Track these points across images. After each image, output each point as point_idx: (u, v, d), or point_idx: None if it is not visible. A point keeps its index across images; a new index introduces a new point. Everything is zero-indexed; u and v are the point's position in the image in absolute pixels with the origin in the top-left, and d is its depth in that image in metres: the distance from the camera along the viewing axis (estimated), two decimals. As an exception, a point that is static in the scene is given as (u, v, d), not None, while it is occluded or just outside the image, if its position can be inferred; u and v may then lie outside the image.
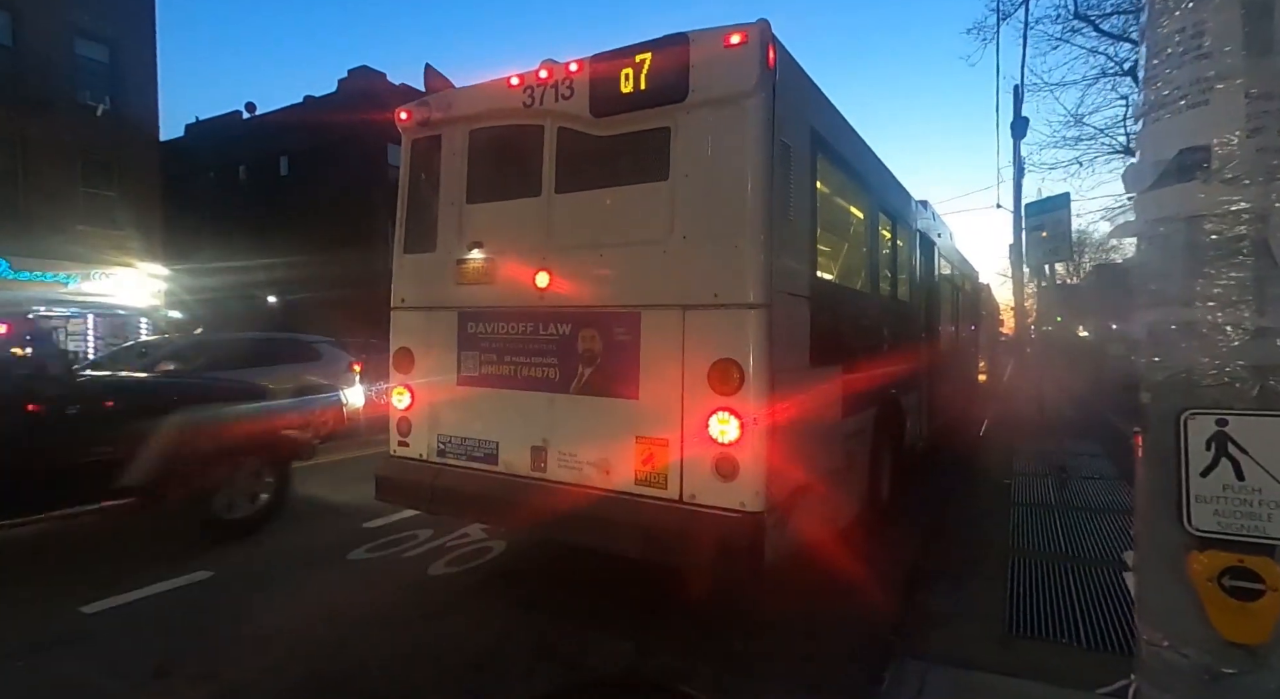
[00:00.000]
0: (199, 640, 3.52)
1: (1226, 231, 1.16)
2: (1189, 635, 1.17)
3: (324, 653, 3.37)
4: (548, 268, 3.74)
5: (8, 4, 15.24)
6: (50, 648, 3.43)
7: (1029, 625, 3.51)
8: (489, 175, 4.09)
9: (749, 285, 3.17)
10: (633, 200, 3.56)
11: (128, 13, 17.53)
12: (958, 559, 4.61)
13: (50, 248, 15.58)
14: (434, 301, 4.21)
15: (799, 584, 4.00)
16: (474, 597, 4.11)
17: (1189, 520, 1.13)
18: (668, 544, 3.27)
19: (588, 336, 3.60)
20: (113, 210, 17.12)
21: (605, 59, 3.53)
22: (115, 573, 4.45)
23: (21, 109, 15.15)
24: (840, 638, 3.55)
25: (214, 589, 4.25)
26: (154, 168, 18.20)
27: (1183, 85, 1.20)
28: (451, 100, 4.16)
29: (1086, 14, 13.33)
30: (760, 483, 3.14)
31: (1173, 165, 1.21)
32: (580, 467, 3.61)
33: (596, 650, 3.39)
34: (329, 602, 4.03)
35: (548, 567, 4.62)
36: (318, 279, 22.32)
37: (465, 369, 4.06)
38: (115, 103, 17.18)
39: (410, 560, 4.73)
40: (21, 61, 15.45)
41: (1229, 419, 1.11)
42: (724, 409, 3.18)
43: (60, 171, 16.03)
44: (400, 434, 4.31)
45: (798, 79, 3.63)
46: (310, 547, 5.08)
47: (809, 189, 3.76)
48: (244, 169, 28.29)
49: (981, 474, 7.59)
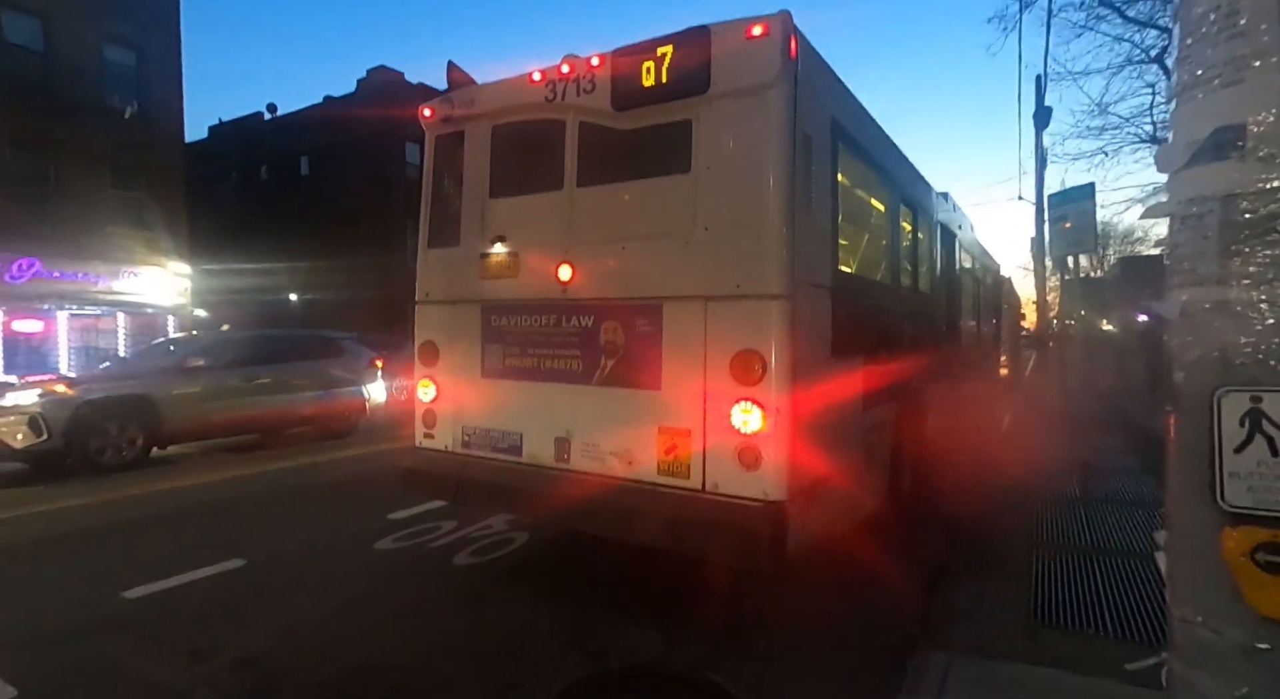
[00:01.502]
0: (235, 627, 3.62)
1: (1261, 209, 1.16)
2: (1223, 612, 1.18)
3: (355, 642, 3.44)
4: (570, 261, 3.77)
5: (38, 11, 15.61)
6: (92, 632, 3.55)
7: (1054, 617, 3.49)
8: (511, 170, 4.14)
9: (771, 276, 3.18)
10: (654, 193, 3.58)
11: (154, 17, 17.86)
12: (981, 553, 4.58)
13: (81, 248, 15.95)
14: (458, 296, 4.27)
15: (823, 576, 4.01)
16: (499, 587, 4.17)
17: (1223, 497, 1.14)
18: (691, 534, 3.29)
19: (610, 328, 3.64)
20: (140, 211, 17.49)
21: (627, 53, 3.56)
22: (155, 560, 4.59)
23: (53, 113, 15.52)
24: (865, 630, 3.55)
25: (248, 577, 4.36)
26: (179, 169, 18.55)
27: (1217, 64, 1.20)
28: (474, 96, 4.21)
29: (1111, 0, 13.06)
30: (783, 473, 3.15)
31: (1207, 145, 1.21)
32: (603, 457, 3.65)
33: (623, 640, 3.43)
34: (358, 591, 4.12)
35: (571, 557, 4.67)
36: (338, 277, 22.66)
37: (489, 361, 4.11)
38: (142, 106, 17.54)
39: (435, 551, 4.81)
40: (52, 67, 15.83)
41: (1263, 396, 1.11)
42: (746, 399, 3.20)
43: (89, 174, 16.40)
44: (425, 426, 4.39)
45: (819, 70, 3.63)
46: (338, 537, 5.19)
47: (830, 180, 3.75)
48: (266, 169, 28.74)
49: (1004, 469, 7.52)
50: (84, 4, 16.16)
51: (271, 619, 3.71)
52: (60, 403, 7.69)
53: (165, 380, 8.62)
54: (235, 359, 9.52)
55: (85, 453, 7.68)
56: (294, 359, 10.30)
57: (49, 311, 15.99)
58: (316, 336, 11.67)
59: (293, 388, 9.94)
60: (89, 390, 8.08)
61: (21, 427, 7.44)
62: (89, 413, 7.76)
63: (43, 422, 7.46)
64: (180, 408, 8.56)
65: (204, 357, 9.15)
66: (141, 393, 8.32)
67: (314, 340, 11.34)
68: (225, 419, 9.13)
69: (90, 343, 16.93)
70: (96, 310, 16.86)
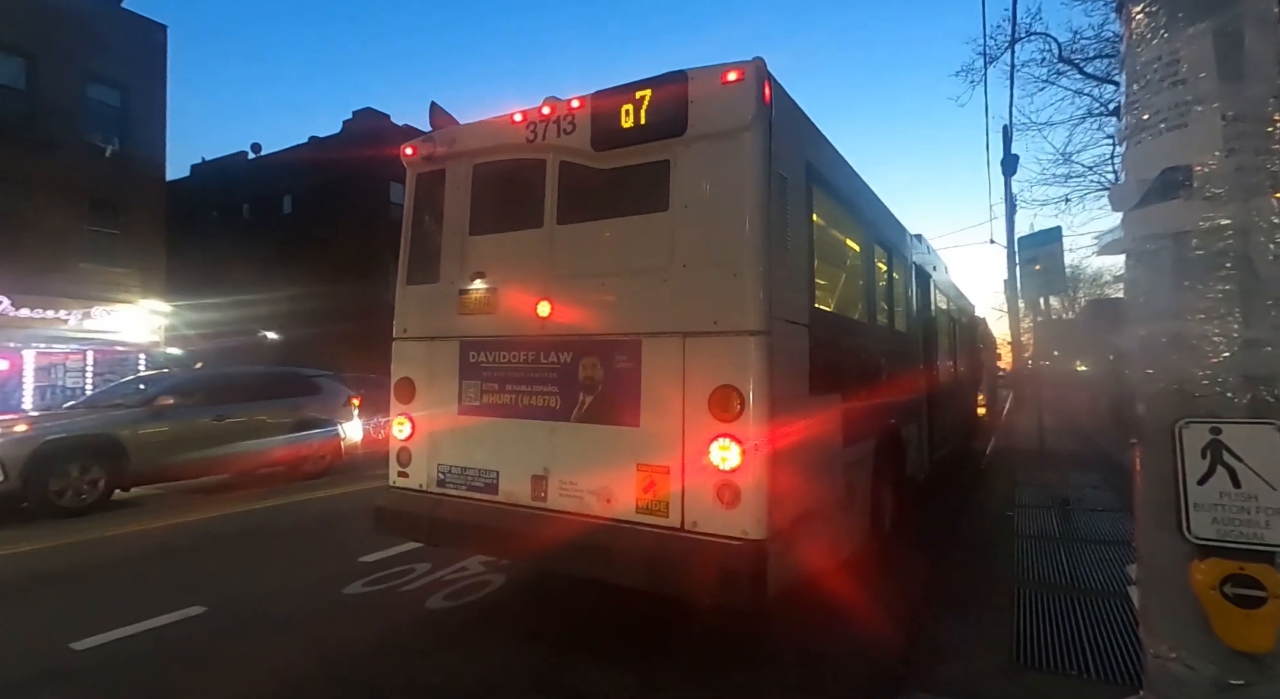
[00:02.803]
0: (192, 677, 3.44)
1: (1211, 246, 1.20)
2: (1194, 646, 1.17)
3: (318, 689, 3.29)
4: (549, 297, 3.79)
5: (22, 51, 15.68)
6: (35, 686, 3.35)
7: (1037, 657, 3.45)
8: (492, 208, 4.18)
9: (748, 312, 3.21)
10: (633, 230, 3.63)
11: (141, 58, 18.04)
12: (963, 591, 4.54)
13: (52, 285, 15.68)
14: (436, 332, 4.24)
15: (804, 616, 3.94)
16: (473, 630, 4.03)
17: (1188, 529, 1.14)
18: (669, 573, 3.23)
19: (589, 364, 3.63)
20: (116, 248, 17.31)
21: (606, 95, 3.65)
22: (109, 607, 4.38)
23: (30, 150, 15.45)
24: (847, 670, 3.48)
25: (207, 624, 4.17)
26: (159, 207, 18.46)
27: (1161, 109, 1.26)
28: (456, 136, 4.28)
29: (1070, 58, 13.74)
30: (762, 510, 3.12)
31: (1156, 184, 1.26)
32: (581, 495, 3.59)
33: (599, 683, 3.32)
34: (324, 637, 3.96)
35: (549, 600, 4.54)
36: (319, 314, 22.47)
37: (466, 398, 4.07)
38: (124, 144, 17.53)
39: (408, 594, 4.65)
40: (33, 105, 15.83)
41: (1223, 427, 1.13)
42: (725, 436, 3.19)
43: (65, 211, 16.25)
44: (400, 464, 4.30)
45: (792, 114, 3.75)
46: (305, 581, 5.00)
47: (805, 220, 3.84)
48: (248, 207, 28.73)
49: (984, 506, 7.52)
50: (71, 45, 16.29)
51: (231, 668, 3.54)
52: (19, 442, 7.42)
53: (132, 419, 8.37)
54: (206, 398, 9.30)
55: (44, 495, 7.37)
56: (268, 398, 10.09)
57: (15, 349, 15.58)
58: (292, 374, 11.44)
59: (266, 429, 9.69)
60: (49, 430, 7.81)
61: (-22, 467, 7.15)
62: (50, 453, 7.48)
63: (1, 462, 7.18)
64: (147, 448, 8.28)
65: (174, 395, 8.93)
66: (106, 432, 8.06)
67: (289, 378, 11.12)
68: (194, 460, 8.83)
69: (57, 381, 16.46)
70: (66, 347, 16.47)
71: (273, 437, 9.73)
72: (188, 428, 8.77)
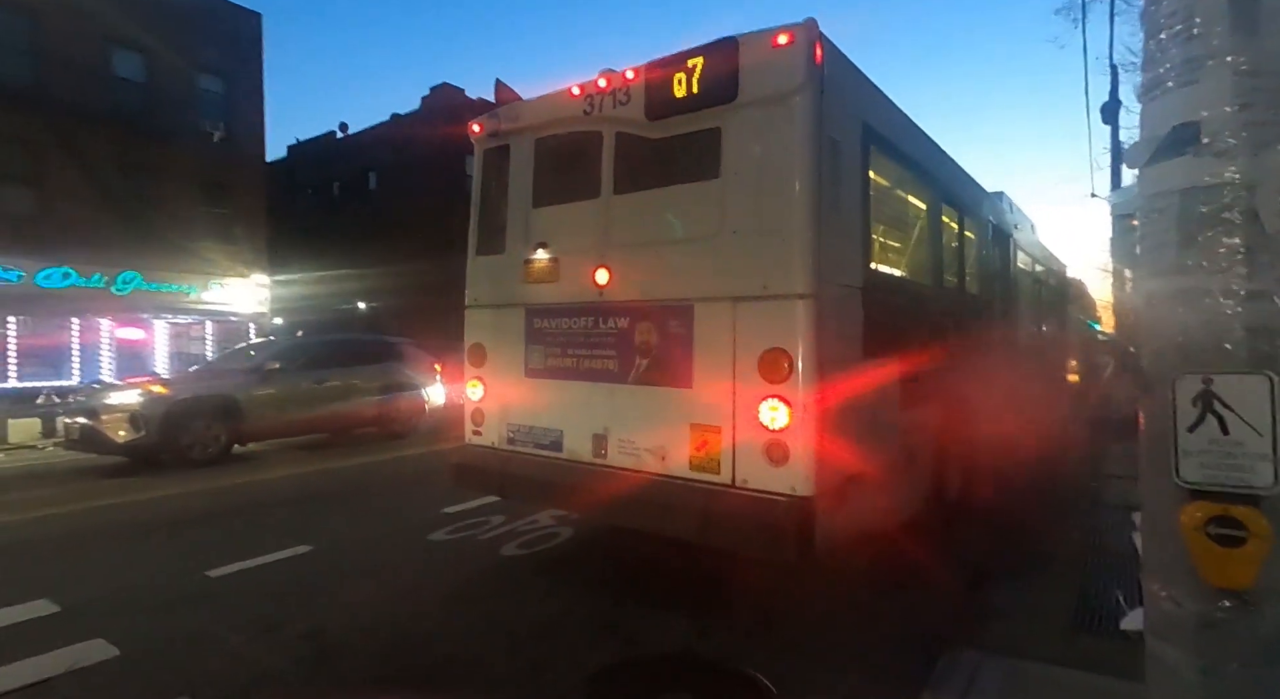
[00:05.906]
0: (302, 604, 3.95)
1: (1217, 202, 1.21)
2: (1184, 586, 1.22)
3: (405, 620, 3.71)
4: (606, 265, 3.95)
5: (141, 46, 17.13)
6: (180, 605, 3.95)
7: (1098, 622, 3.41)
8: (553, 180, 4.36)
9: (796, 276, 3.26)
10: (686, 198, 3.72)
11: (240, 47, 19.34)
12: (1029, 557, 4.49)
13: (176, 262, 17.38)
14: (503, 300, 4.51)
15: (860, 575, 4.03)
16: (542, 576, 4.37)
17: (1177, 473, 1.19)
18: (720, 528, 3.39)
19: (644, 329, 3.79)
20: (227, 227, 18.89)
21: (659, 65, 3.72)
22: (234, 544, 5.04)
23: (153, 139, 17.02)
24: (898, 628, 3.56)
25: (314, 562, 4.73)
26: (261, 187, 19.93)
27: (1176, 64, 1.26)
28: (518, 112, 4.46)
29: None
30: (810, 468, 3.21)
31: (1167, 141, 1.27)
32: (639, 453, 3.80)
33: (657, 629, 3.55)
34: (410, 576, 4.42)
35: (612, 552, 4.84)
36: (403, 286, 23.65)
37: (532, 362, 4.33)
38: (229, 129, 18.98)
39: (484, 543, 5.07)
40: (152, 96, 17.34)
41: (1214, 378, 1.16)
42: (774, 397, 3.28)
43: (184, 194, 17.87)
44: (474, 424, 4.64)
45: (848, 75, 3.68)
46: (395, 528, 5.53)
47: (860, 182, 3.79)
48: (338, 185, 30.35)
49: (1067, 476, 7.24)
50: (182, 37, 17.64)
51: (333, 598, 4.03)
52: (155, 402, 8.44)
53: (246, 383, 9.32)
54: (307, 363, 10.19)
55: (176, 448, 8.40)
56: (360, 363, 10.93)
57: (148, 320, 17.45)
58: (379, 341, 12.31)
59: (358, 391, 10.56)
60: (180, 391, 8.85)
61: (124, 423, 8.22)
62: (180, 411, 8.50)
63: (141, 419, 8.22)
64: (259, 408, 9.24)
65: (279, 360, 9.83)
66: (226, 393, 9.04)
67: (377, 344, 11.98)
68: (298, 419, 9.79)
69: (181, 348, 18.35)
70: (188, 319, 18.29)
71: (364, 398, 10.59)
72: (292, 390, 9.68)
